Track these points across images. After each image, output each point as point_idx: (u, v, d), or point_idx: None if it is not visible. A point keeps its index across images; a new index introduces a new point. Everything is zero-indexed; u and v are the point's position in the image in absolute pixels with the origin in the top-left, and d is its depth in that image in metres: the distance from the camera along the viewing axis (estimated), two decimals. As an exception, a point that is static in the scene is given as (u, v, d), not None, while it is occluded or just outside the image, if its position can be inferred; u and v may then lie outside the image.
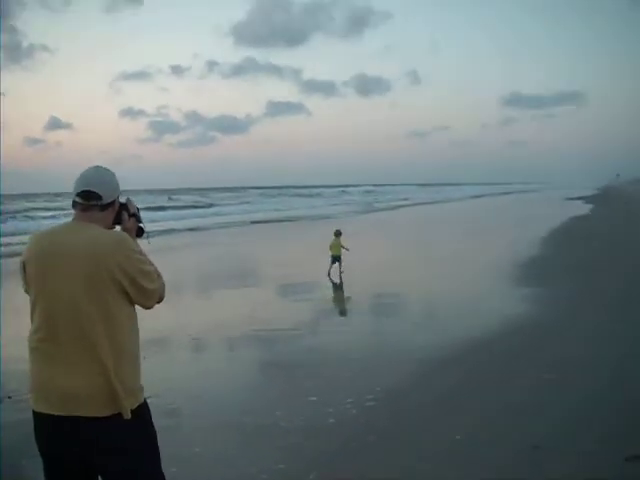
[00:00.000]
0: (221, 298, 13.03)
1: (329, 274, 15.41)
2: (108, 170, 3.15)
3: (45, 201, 68.19)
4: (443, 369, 7.57)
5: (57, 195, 78.32)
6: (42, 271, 2.90)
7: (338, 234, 15.95)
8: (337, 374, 7.52)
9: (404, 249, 22.09)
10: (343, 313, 12.33)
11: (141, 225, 3.35)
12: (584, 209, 43.05)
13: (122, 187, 3.21)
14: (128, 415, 2.80)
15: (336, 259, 15.56)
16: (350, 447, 5.44)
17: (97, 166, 3.15)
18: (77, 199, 3.02)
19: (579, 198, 61.35)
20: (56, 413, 2.79)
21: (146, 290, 2.96)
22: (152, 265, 3.04)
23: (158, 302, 3.12)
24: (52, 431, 2.83)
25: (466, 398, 6.54)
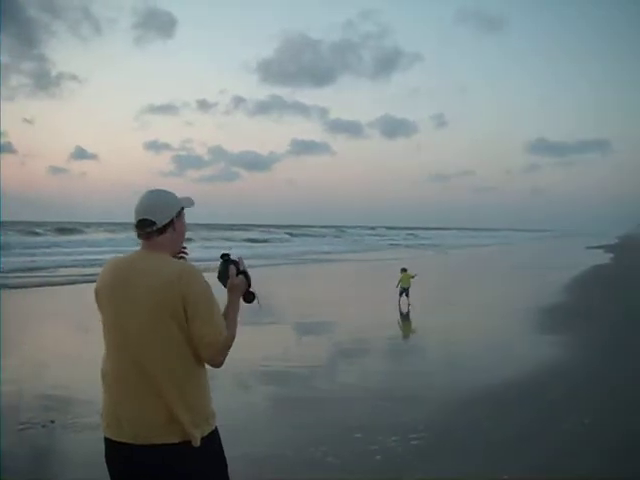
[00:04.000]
0: (262, 333, 13.06)
1: (399, 304, 17.32)
2: (160, 191, 3.03)
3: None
4: (484, 410, 7.60)
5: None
6: (111, 301, 2.89)
7: (404, 270, 18.06)
8: (378, 411, 7.58)
9: (450, 290, 22.27)
10: (384, 350, 12.33)
11: (252, 290, 3.09)
12: (605, 258, 42.97)
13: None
14: (197, 443, 2.76)
15: (405, 290, 17.61)
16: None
17: (149, 190, 3.03)
18: (137, 230, 2.98)
19: (600, 247, 61.13)
20: (124, 440, 2.79)
21: (195, 334, 2.79)
22: (217, 316, 2.84)
23: (213, 364, 2.86)
24: (121, 457, 2.82)
25: (512, 440, 6.54)
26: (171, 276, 2.79)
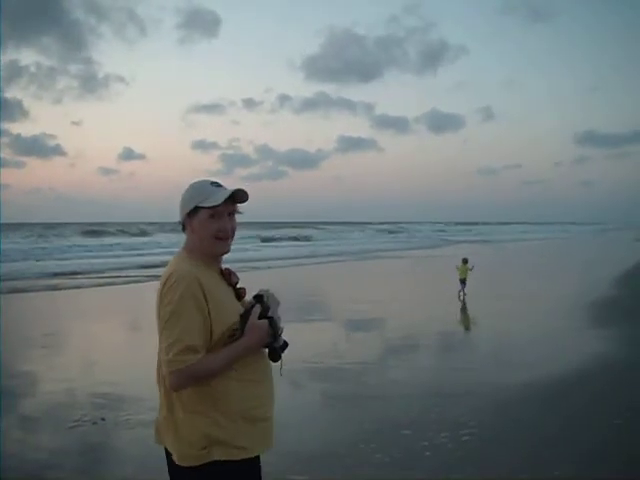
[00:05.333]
0: (310, 330, 12.98)
1: (459, 296, 17.73)
2: (188, 185, 2.74)
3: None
4: (530, 406, 7.44)
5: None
6: None
7: (465, 261, 18.37)
8: (427, 408, 7.45)
9: (507, 285, 21.85)
10: (434, 346, 11.99)
11: (279, 345, 2.69)
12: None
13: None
14: (177, 460, 2.62)
15: (463, 282, 17.94)
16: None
17: None
18: None
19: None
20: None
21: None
22: (169, 332, 2.51)
23: (170, 384, 2.57)
24: None
25: (562, 436, 6.37)
26: (161, 281, 2.61)
